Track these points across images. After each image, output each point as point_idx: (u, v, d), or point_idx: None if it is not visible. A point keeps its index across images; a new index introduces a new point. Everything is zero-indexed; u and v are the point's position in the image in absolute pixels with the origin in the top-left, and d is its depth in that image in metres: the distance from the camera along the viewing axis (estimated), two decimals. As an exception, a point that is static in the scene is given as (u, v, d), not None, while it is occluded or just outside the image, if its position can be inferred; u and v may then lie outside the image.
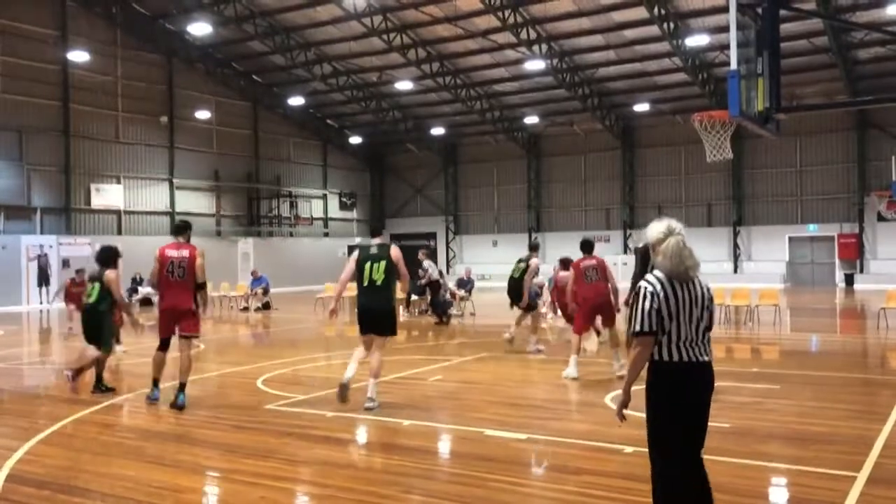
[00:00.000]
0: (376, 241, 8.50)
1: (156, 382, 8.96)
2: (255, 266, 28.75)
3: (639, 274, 10.87)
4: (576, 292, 10.82)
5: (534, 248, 14.01)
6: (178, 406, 8.52)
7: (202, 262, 8.66)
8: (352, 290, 9.09)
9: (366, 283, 8.27)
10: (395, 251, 8.35)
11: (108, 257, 10.01)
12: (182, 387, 8.69)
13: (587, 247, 10.85)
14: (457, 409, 8.60)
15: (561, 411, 8.35)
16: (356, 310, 8.53)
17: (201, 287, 8.75)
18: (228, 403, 9.09)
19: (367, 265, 8.26)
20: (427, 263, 20.15)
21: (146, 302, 26.86)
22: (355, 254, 8.43)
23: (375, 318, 8.36)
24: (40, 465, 6.39)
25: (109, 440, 7.35)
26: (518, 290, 13.05)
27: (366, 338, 8.47)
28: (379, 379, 8.50)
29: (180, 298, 8.62)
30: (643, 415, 4.21)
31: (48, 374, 12.24)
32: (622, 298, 10.58)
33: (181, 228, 9.02)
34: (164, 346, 8.92)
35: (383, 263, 8.23)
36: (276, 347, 15.02)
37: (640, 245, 11.46)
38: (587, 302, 10.59)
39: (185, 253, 8.63)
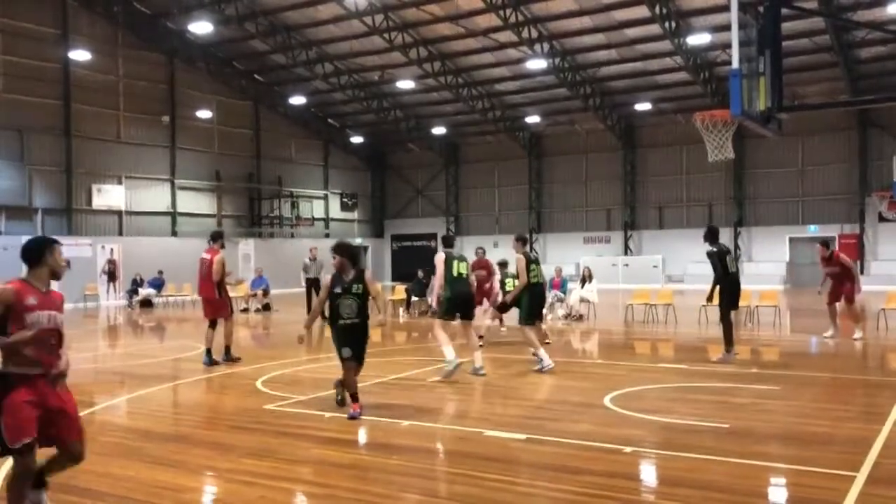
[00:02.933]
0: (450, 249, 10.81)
1: (207, 351, 11.81)
2: (257, 267, 28.71)
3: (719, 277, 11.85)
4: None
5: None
6: (222, 360, 11.86)
7: (217, 268, 11.66)
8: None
9: (455, 275, 10.45)
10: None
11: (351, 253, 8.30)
12: (227, 349, 12.02)
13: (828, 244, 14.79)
14: (455, 410, 8.60)
15: (560, 412, 8.35)
16: (451, 298, 10.38)
17: (218, 284, 11.77)
18: (228, 404, 9.10)
19: (455, 263, 10.48)
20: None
21: (146, 303, 26.90)
22: (443, 255, 10.51)
23: (468, 303, 10.70)
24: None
25: (109, 440, 7.35)
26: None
27: (453, 323, 10.75)
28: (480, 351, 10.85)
29: (203, 290, 12.02)
30: (642, 416, 4.20)
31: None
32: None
33: (213, 237, 12.13)
34: (211, 324, 11.88)
35: (465, 263, 10.71)
36: (276, 349, 15.03)
37: (714, 248, 11.89)
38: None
39: (208, 256, 11.84)
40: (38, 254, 4.65)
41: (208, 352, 11.83)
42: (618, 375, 10.64)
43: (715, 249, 11.90)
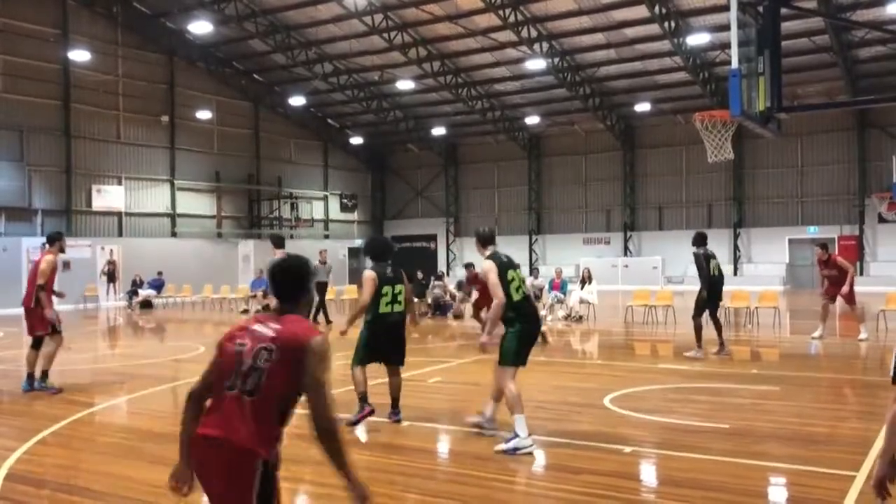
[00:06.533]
0: None
1: (28, 375, 9.79)
2: (256, 268, 28.67)
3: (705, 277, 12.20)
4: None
5: None
6: (38, 386, 9.75)
7: (45, 267, 9.66)
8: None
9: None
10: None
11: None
12: (44, 374, 9.77)
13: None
14: (456, 410, 8.59)
15: (560, 412, 8.35)
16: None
17: (38, 290, 9.73)
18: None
19: None
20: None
21: (146, 304, 26.90)
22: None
23: None
24: (39, 465, 6.39)
25: (108, 440, 7.35)
26: None
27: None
28: None
29: (24, 297, 9.93)
30: (642, 416, 4.20)
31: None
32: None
33: (49, 238, 9.97)
34: (34, 344, 9.82)
35: None
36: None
37: (700, 250, 12.30)
38: None
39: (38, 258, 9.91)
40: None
41: (29, 376, 9.66)
42: (618, 376, 10.64)
43: (701, 251, 12.21)
